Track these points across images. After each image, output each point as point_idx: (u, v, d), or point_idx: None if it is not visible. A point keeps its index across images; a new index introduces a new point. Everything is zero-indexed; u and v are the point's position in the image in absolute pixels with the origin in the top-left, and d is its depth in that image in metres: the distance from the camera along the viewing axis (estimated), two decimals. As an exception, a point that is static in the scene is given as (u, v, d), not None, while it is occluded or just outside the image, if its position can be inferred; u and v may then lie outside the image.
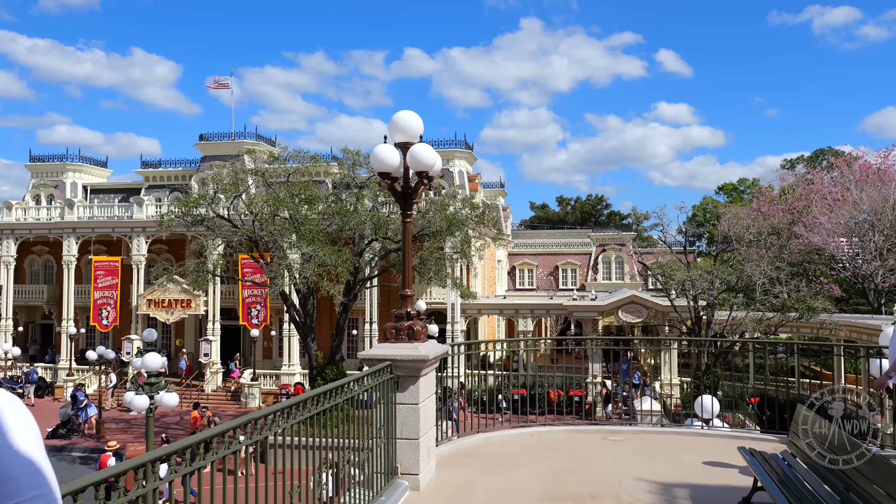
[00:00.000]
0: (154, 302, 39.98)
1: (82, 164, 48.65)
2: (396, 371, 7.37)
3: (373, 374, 7.05)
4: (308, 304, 27.81)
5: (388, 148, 7.65)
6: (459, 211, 27.81)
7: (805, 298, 26.45)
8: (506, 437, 9.69)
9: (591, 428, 10.15)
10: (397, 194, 7.83)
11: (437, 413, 8.63)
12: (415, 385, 7.43)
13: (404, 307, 7.79)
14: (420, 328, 7.67)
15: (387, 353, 7.34)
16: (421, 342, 7.61)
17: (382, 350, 7.45)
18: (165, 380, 39.84)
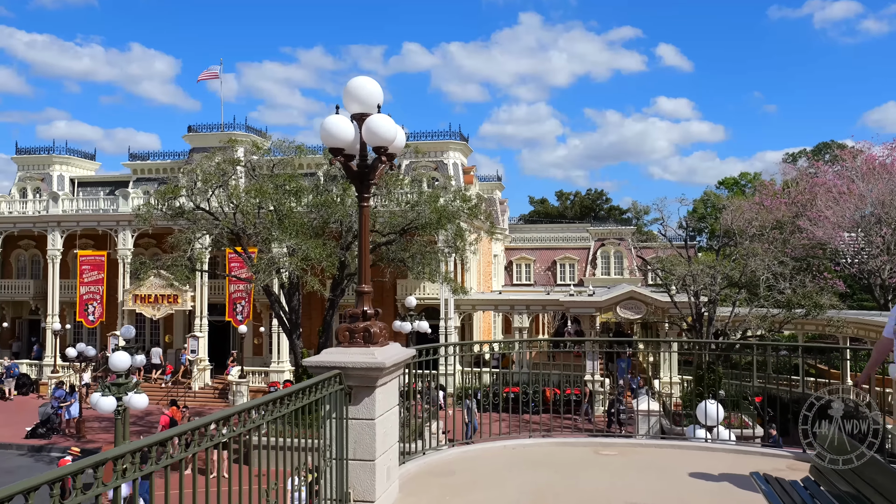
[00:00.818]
0: (140, 297, 38.92)
1: (69, 157, 47.53)
2: (348, 381, 6.29)
3: (318, 386, 5.98)
4: (293, 299, 26.73)
5: (339, 119, 6.56)
6: (451, 203, 26.68)
7: (812, 294, 25.35)
8: (484, 452, 8.61)
9: (580, 440, 9.07)
10: (352, 174, 6.74)
11: (413, 422, 7.55)
12: (370, 397, 6.35)
13: (360, 305, 6.71)
14: (378, 330, 6.59)
15: (335, 360, 6.26)
16: (379, 346, 6.53)
17: (331, 356, 6.37)
18: (155, 377, 39.11)
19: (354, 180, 6.75)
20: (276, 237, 23.04)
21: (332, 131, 6.45)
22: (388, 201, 27.28)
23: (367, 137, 6.50)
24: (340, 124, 6.48)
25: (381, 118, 6.45)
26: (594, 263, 57.36)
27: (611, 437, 8.96)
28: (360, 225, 6.83)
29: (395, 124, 6.54)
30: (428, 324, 34.05)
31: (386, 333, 6.77)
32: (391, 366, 6.39)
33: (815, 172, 44.04)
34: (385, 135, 6.43)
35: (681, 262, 28.41)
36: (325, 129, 6.47)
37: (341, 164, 6.69)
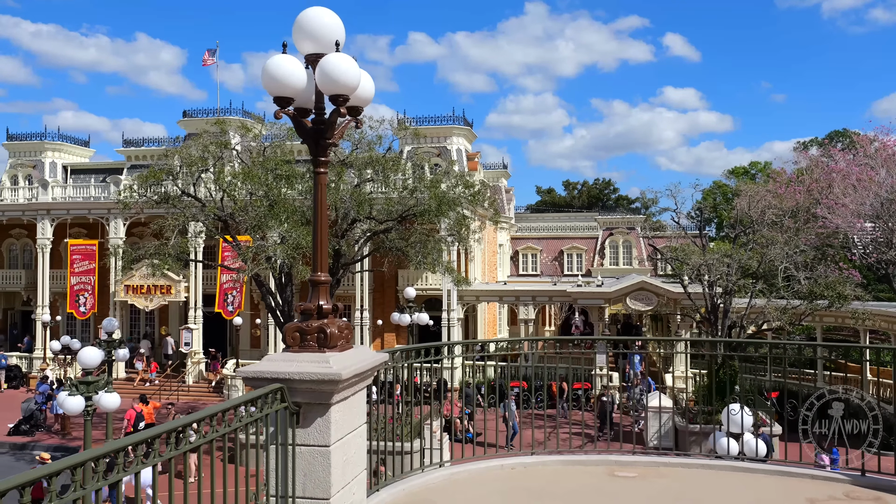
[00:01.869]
0: (132, 288, 37.62)
1: (62, 143, 46.13)
2: (295, 396, 4.86)
3: (253, 403, 4.57)
4: (286, 290, 25.34)
5: (286, 60, 5.10)
6: (452, 189, 25.20)
7: (835, 285, 23.83)
8: (478, 474, 7.19)
9: (592, 458, 7.63)
10: (305, 131, 5.29)
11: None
12: (324, 417, 4.92)
13: (314, 298, 5.27)
14: (336, 331, 5.16)
15: (275, 370, 4.83)
16: (337, 351, 5.11)
17: (271, 364, 4.94)
18: (142, 368, 37.82)
19: (307, 139, 5.31)
20: (265, 224, 21.61)
21: (276, 75, 5.01)
22: (385, 187, 25.80)
23: (321, 83, 5.06)
24: (287, 67, 5.04)
25: (338, 58, 5.00)
26: (602, 253, 55.82)
27: (628, 454, 7.49)
28: (315, 198, 5.39)
29: (357, 67, 5.09)
30: (428, 316, 32.66)
31: (348, 334, 5.34)
32: (351, 377, 4.96)
33: (832, 160, 42.42)
34: (344, 79, 4.99)
35: (695, 251, 26.90)
36: (268, 73, 5.03)
37: (291, 120, 5.27)
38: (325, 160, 5.32)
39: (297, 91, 5.06)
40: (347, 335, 5.34)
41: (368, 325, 37.91)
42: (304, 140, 5.30)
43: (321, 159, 5.31)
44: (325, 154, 5.32)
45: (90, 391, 15.80)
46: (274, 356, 5.04)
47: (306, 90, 5.15)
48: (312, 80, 5.15)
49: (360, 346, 5.61)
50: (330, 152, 5.39)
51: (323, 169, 5.33)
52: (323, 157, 5.30)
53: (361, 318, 37.40)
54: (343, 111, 5.16)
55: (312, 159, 5.33)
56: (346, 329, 5.32)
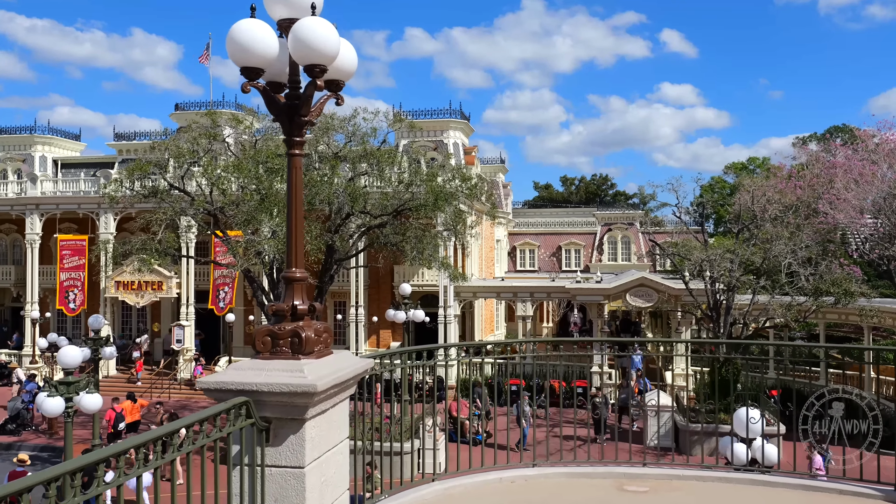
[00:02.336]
0: (123, 284, 36.94)
1: (52, 137, 45.35)
2: (264, 411, 4.23)
3: (212, 421, 3.95)
4: (279, 286, 24.67)
5: (254, 26, 4.45)
6: (448, 182, 24.55)
7: (841, 282, 23.23)
8: (474, 489, 6.57)
9: (598, 470, 7.02)
10: (277, 107, 4.66)
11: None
12: (298, 435, 4.29)
13: (288, 298, 4.64)
14: (313, 334, 4.53)
15: (240, 381, 4.20)
16: (314, 358, 4.48)
17: (236, 374, 4.31)
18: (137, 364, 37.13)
19: (280, 117, 4.68)
20: (256, 219, 20.93)
21: (243, 42, 4.37)
22: (380, 181, 25.15)
23: (295, 51, 4.42)
24: (255, 33, 4.39)
25: (314, 22, 4.36)
26: (601, 249, 55.24)
27: (637, 465, 6.88)
28: (290, 183, 4.76)
29: (336, 33, 4.46)
30: (424, 312, 32.04)
31: (327, 338, 4.72)
32: (329, 388, 4.33)
33: (832, 155, 41.83)
34: (321, 47, 4.35)
35: (696, 247, 26.29)
36: (234, 40, 4.39)
37: (261, 94, 4.63)
38: (300, 140, 4.69)
39: (268, 60, 4.43)
40: (326, 339, 4.71)
41: (364, 321, 37.27)
42: (277, 118, 4.67)
43: (296, 139, 4.67)
44: (301, 133, 4.69)
45: (71, 392, 15.18)
46: (241, 364, 4.42)
47: (278, 60, 4.52)
48: (286, 49, 4.52)
49: (341, 351, 4.98)
50: (306, 131, 4.75)
51: (297, 150, 4.70)
52: (297, 136, 4.67)
53: (356, 315, 36.76)
54: (320, 84, 4.52)
55: (286, 139, 4.70)
56: (324, 332, 4.69)
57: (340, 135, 25.06)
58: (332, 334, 4.81)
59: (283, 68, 4.63)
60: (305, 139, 4.81)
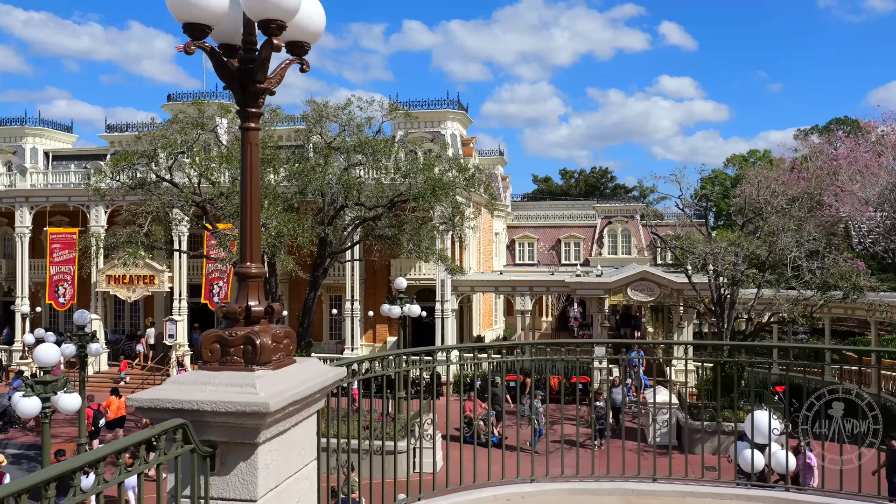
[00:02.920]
0: (114, 278, 36.23)
1: (43, 129, 44.52)
2: (208, 433, 3.54)
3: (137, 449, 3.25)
4: (271, 280, 24.00)
5: (198, -28, 3.76)
6: (445, 173, 23.83)
7: (850, 275, 22.54)
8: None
9: (605, 486, 6.33)
10: (228, 73, 3.94)
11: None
12: (249, 462, 3.59)
13: (242, 298, 3.94)
14: (269, 341, 3.83)
15: (179, 399, 3.50)
16: (270, 368, 3.79)
17: (176, 390, 3.61)
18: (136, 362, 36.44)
19: (232, 84, 3.96)
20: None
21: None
22: (375, 171, 24.44)
23: (247, 3, 3.71)
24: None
25: (271, -31, 3.65)
26: (601, 242, 54.54)
27: (647, 480, 6.18)
28: (244, 163, 4.04)
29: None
30: (420, 307, 31.36)
31: (288, 345, 4.01)
32: (287, 406, 3.63)
33: (834, 146, 41.10)
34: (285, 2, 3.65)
35: (700, 240, 25.59)
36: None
37: (209, 57, 3.92)
38: (255, 112, 3.97)
39: (216, 15, 3.71)
40: (288, 346, 4.01)
41: (360, 316, 36.59)
42: (228, 85, 3.95)
43: (250, 110, 3.96)
44: (256, 104, 3.97)
45: (48, 391, 14.51)
46: (183, 377, 3.71)
47: (230, 16, 3.80)
48: (239, 5, 3.81)
49: (306, 359, 4.28)
50: (263, 101, 4.04)
51: (253, 123, 3.98)
52: (252, 107, 3.96)
53: (352, 310, 36.07)
54: (277, 43, 3.81)
55: (239, 110, 3.98)
56: (285, 338, 3.99)
57: (335, 125, 24.37)
58: (294, 340, 4.10)
59: (236, 27, 3.92)
60: (263, 111, 4.09)
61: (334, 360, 30.78)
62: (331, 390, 4.80)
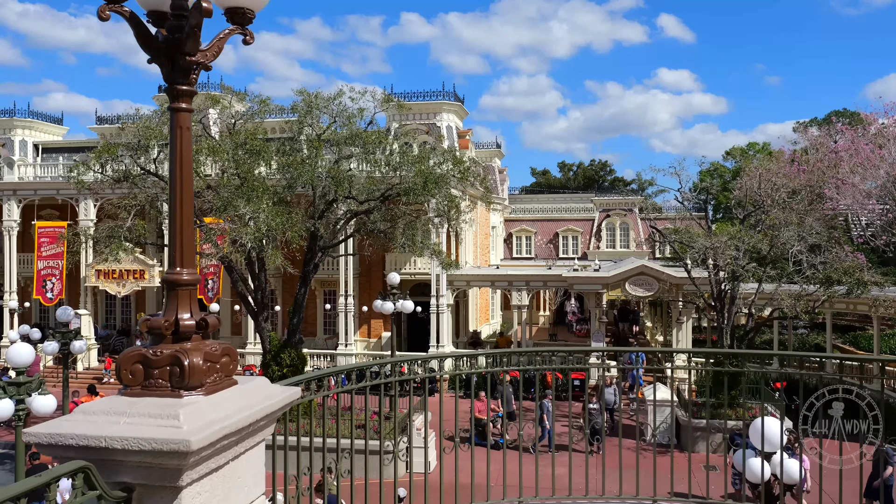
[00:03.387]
0: (103, 273, 35.59)
1: (32, 121, 43.82)
2: (121, 475, 2.93)
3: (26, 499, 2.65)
4: (261, 275, 23.39)
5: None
6: (439, 165, 23.21)
7: (853, 270, 21.98)
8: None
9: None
10: (153, 44, 3.34)
11: None
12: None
13: (170, 310, 3.34)
14: (201, 360, 3.23)
15: (84, 434, 2.90)
16: (202, 393, 3.18)
17: (82, 422, 3.01)
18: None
19: (158, 56, 3.35)
20: (232, 204, 19.58)
21: (95, -54, 3.05)
22: (367, 164, 23.81)
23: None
24: (114, -69, 3.07)
25: (196, -85, 3.03)
26: (599, 236, 53.96)
27: (645, 501, 5.60)
28: (173, 149, 3.43)
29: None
30: (415, 302, 30.80)
31: (227, 364, 3.42)
32: (219, 440, 3.04)
33: (834, 138, 40.51)
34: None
35: (700, 234, 25.02)
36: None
37: (130, 25, 3.31)
38: (185, 89, 3.37)
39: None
40: (227, 365, 3.41)
41: (354, 311, 36.00)
42: (154, 58, 3.34)
43: (180, 87, 3.35)
44: (187, 80, 3.37)
45: (22, 393, 13.91)
46: (95, 405, 3.12)
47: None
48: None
49: (251, 379, 3.68)
50: (196, 77, 3.43)
51: (183, 104, 3.38)
52: (183, 83, 3.35)
53: (346, 305, 35.47)
54: (207, 6, 3.19)
55: (167, 88, 3.38)
56: (223, 356, 3.39)
57: (325, 117, 23.73)
58: (236, 357, 3.51)
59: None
60: (195, 89, 3.48)
61: (327, 357, 30.11)
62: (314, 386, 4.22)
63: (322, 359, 35.20)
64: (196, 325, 3.32)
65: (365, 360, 35.09)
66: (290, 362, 23.10)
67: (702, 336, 39.80)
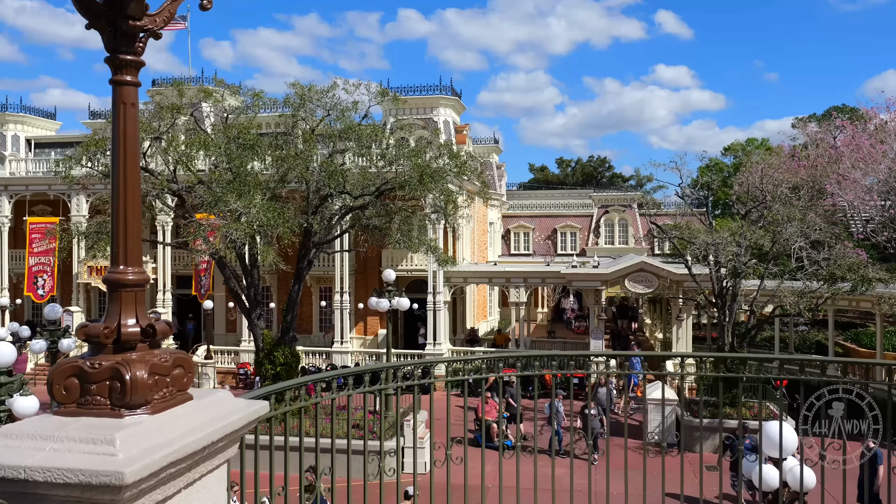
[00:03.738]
0: (95, 269, 35.11)
1: (24, 115, 43.29)
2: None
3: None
4: (254, 272, 22.94)
5: None
6: (435, 160, 22.75)
7: (858, 267, 21.57)
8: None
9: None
10: (92, 7, 2.88)
11: None
12: (107, 549, 2.52)
13: (112, 315, 2.89)
14: (147, 374, 2.78)
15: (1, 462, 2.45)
16: (148, 412, 2.72)
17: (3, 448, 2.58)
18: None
19: (98, 22, 2.90)
20: (222, 199, 19.10)
21: None
22: (361, 158, 23.35)
23: None
24: None
25: None
26: (597, 232, 53.54)
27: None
28: (115, 131, 2.99)
29: None
30: (412, 300, 30.36)
31: (180, 376, 2.99)
32: (163, 469, 2.59)
33: (834, 135, 40.09)
34: None
35: (701, 230, 24.59)
36: None
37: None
38: (130, 59, 2.92)
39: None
40: (179, 378, 2.97)
41: (350, 308, 35.55)
42: (93, 23, 2.88)
43: (123, 57, 2.91)
44: (132, 48, 2.92)
45: (2, 394, 13.48)
46: (20, 428, 2.67)
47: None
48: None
49: (209, 393, 3.23)
50: (143, 46, 2.98)
51: (129, 76, 2.93)
52: (126, 52, 2.90)
53: (341, 302, 35.00)
54: (152, -42, 2.75)
55: (109, 58, 2.93)
56: (174, 367, 2.94)
57: (321, 111, 23.25)
58: (191, 368, 3.06)
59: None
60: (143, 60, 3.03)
61: (323, 355, 29.49)
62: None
63: (317, 356, 34.77)
64: (142, 331, 2.87)
65: (361, 357, 34.63)
66: (283, 360, 22.68)
67: (701, 333, 39.40)
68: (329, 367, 33.01)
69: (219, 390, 3.32)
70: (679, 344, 31.74)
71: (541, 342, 38.66)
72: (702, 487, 6.72)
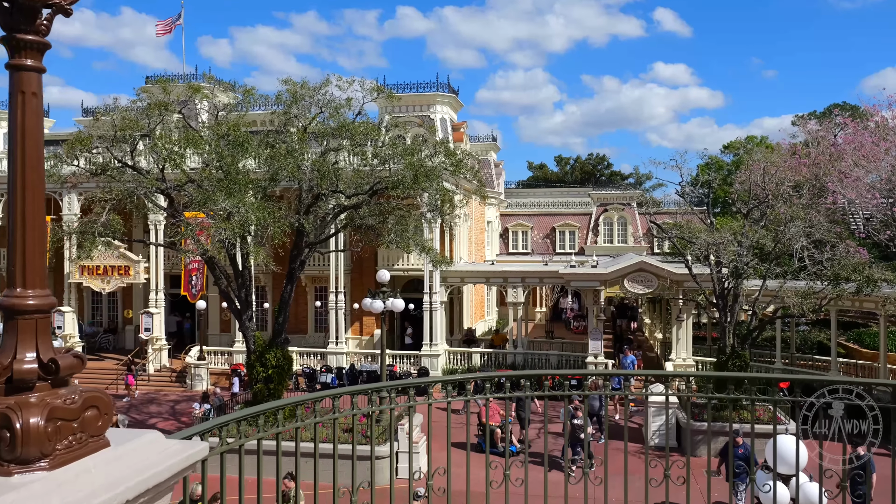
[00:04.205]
0: (87, 269, 34.59)
1: (15, 113, 42.73)
2: None
3: None
4: (245, 272, 22.43)
5: None
6: (431, 157, 22.25)
7: (862, 267, 21.09)
8: None
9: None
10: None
11: None
12: None
13: (7, 348, 2.39)
14: (45, 420, 2.28)
15: None
16: (47, 468, 2.21)
17: None
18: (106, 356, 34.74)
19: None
20: (212, 198, 18.60)
21: None
22: (355, 157, 22.84)
23: None
24: None
25: None
26: (596, 230, 53.06)
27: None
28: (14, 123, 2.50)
29: None
30: (407, 299, 29.89)
31: (93, 419, 2.48)
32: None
33: (837, 132, 39.60)
34: None
35: (702, 229, 24.10)
36: None
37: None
38: (31, 39, 2.43)
39: None
40: (91, 422, 2.47)
41: (345, 308, 35.03)
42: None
43: (23, 37, 2.42)
44: (32, 25, 2.43)
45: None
46: None
47: None
48: None
49: (139, 434, 2.74)
50: (47, 26, 2.50)
51: (29, 60, 2.45)
52: (26, 32, 2.41)
53: (336, 302, 34.50)
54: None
55: (5, 37, 2.44)
56: (86, 409, 2.45)
57: (314, 109, 22.74)
58: (108, 408, 2.57)
59: None
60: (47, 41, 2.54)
61: (318, 355, 28.91)
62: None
63: (312, 357, 34.29)
64: (43, 367, 2.38)
65: (356, 358, 34.15)
66: (275, 363, 22.17)
67: (702, 333, 38.93)
68: (323, 369, 32.51)
69: (148, 431, 2.83)
70: (679, 345, 31.26)
71: (539, 342, 38.19)
72: (709, 494, 6.34)
